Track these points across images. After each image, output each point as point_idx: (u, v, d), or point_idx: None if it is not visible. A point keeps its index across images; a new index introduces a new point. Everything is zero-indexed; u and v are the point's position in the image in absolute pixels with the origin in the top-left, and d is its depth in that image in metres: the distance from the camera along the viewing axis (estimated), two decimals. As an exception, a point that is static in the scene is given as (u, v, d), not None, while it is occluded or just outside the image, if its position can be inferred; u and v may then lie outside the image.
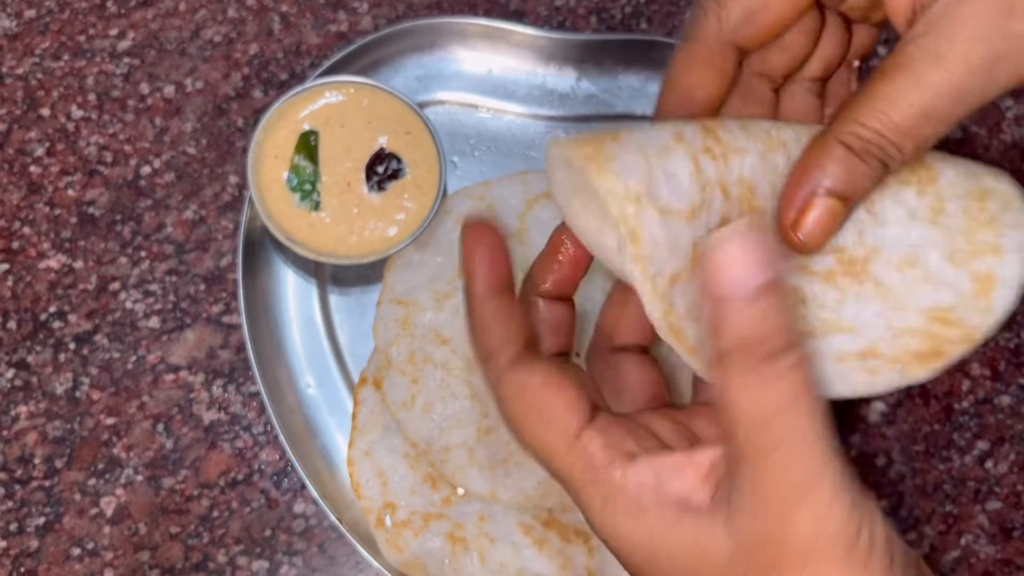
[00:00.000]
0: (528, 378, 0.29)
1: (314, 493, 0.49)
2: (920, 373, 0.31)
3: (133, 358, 0.52)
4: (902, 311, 0.31)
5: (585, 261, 0.33)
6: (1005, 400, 0.53)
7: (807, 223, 0.28)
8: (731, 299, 0.25)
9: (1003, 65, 0.27)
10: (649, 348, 0.35)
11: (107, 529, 0.50)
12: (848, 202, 0.29)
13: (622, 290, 0.34)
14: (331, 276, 0.54)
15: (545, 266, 0.33)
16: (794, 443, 0.25)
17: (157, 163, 0.55)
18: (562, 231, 0.32)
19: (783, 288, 0.25)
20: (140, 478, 0.51)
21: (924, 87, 0.27)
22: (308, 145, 0.51)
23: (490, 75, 0.56)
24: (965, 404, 0.53)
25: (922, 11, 0.28)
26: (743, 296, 0.24)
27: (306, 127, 0.51)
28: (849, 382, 0.31)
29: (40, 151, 0.56)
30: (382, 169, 0.51)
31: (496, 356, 0.30)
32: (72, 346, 0.53)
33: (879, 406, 0.53)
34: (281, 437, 0.49)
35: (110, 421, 0.52)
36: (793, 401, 0.25)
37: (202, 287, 0.54)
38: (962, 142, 0.57)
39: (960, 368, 0.53)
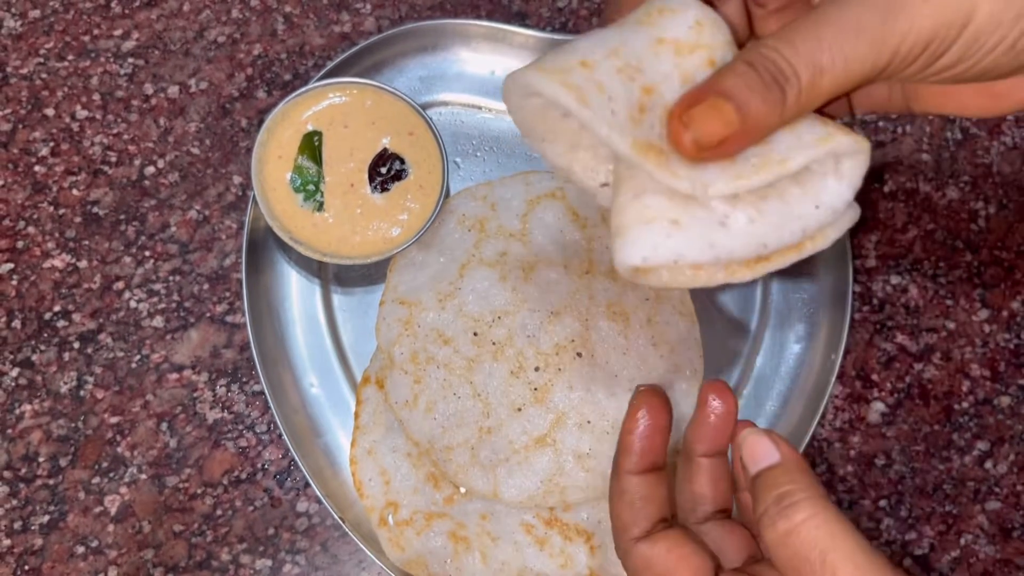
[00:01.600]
0: (653, 550, 0.32)
1: (317, 492, 0.49)
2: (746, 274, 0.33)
3: (137, 357, 0.53)
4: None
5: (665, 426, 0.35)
6: (1005, 401, 0.53)
7: (698, 125, 0.30)
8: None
9: (898, 15, 0.29)
10: (730, 511, 0.37)
11: (111, 527, 0.50)
12: (744, 119, 0.30)
13: (685, 466, 0.36)
14: (334, 276, 0.54)
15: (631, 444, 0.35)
16: None
17: (161, 163, 0.56)
18: (638, 403, 0.34)
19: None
20: (144, 476, 0.51)
21: (825, 21, 0.30)
22: (312, 146, 0.51)
23: (493, 76, 0.56)
24: (965, 405, 0.53)
25: None
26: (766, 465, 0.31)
27: (310, 128, 0.51)
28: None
29: (45, 151, 0.56)
30: (385, 170, 0.51)
31: (629, 529, 0.33)
32: (76, 345, 0.53)
33: (879, 407, 0.53)
34: (284, 436, 0.50)
35: (114, 420, 0.52)
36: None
37: (206, 287, 0.54)
38: (962, 143, 0.57)
39: (960, 369, 0.54)
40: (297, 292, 0.53)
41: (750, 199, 0.31)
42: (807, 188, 0.32)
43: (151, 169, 0.56)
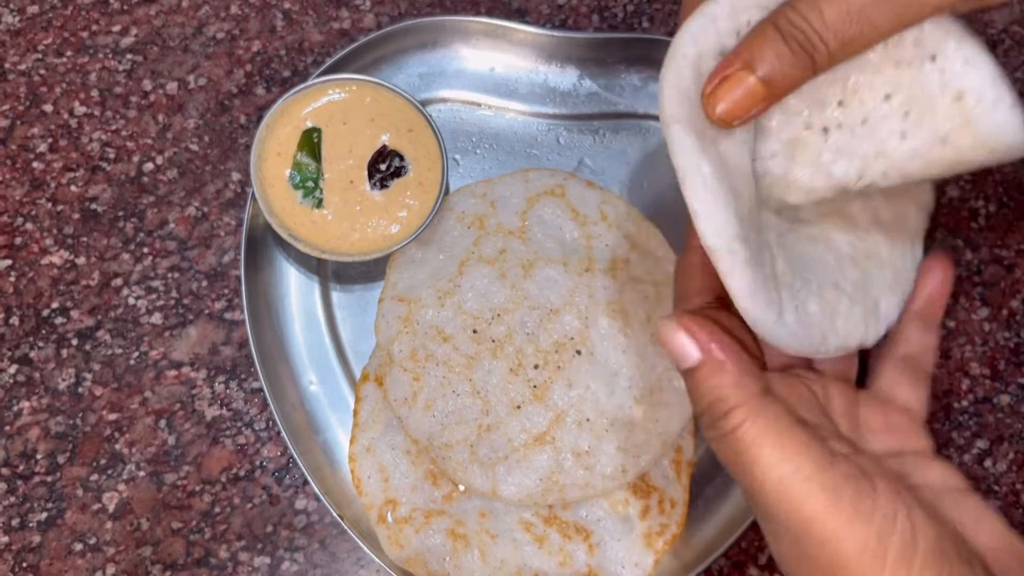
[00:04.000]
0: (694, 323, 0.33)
1: (316, 489, 0.49)
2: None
3: (135, 354, 0.53)
4: None
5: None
6: (1004, 399, 0.53)
7: (724, 95, 0.31)
8: (684, 372, 0.32)
9: None
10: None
11: (109, 524, 0.50)
12: (768, 87, 0.31)
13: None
14: (333, 273, 0.54)
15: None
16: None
17: (160, 159, 0.56)
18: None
19: (716, 363, 0.31)
20: (142, 474, 0.51)
21: None
22: (311, 142, 0.51)
23: (492, 73, 0.56)
24: (964, 403, 0.53)
25: None
26: (689, 370, 0.32)
27: (309, 124, 0.51)
28: None
29: (43, 147, 0.56)
30: (384, 166, 0.51)
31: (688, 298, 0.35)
32: (75, 342, 0.53)
33: (879, 405, 0.53)
34: (283, 433, 0.49)
35: (112, 417, 0.52)
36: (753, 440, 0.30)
37: (204, 283, 0.54)
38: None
39: (960, 367, 0.54)
40: (296, 289, 0.53)
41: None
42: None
43: (150, 166, 0.55)
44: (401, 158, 0.51)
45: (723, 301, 0.34)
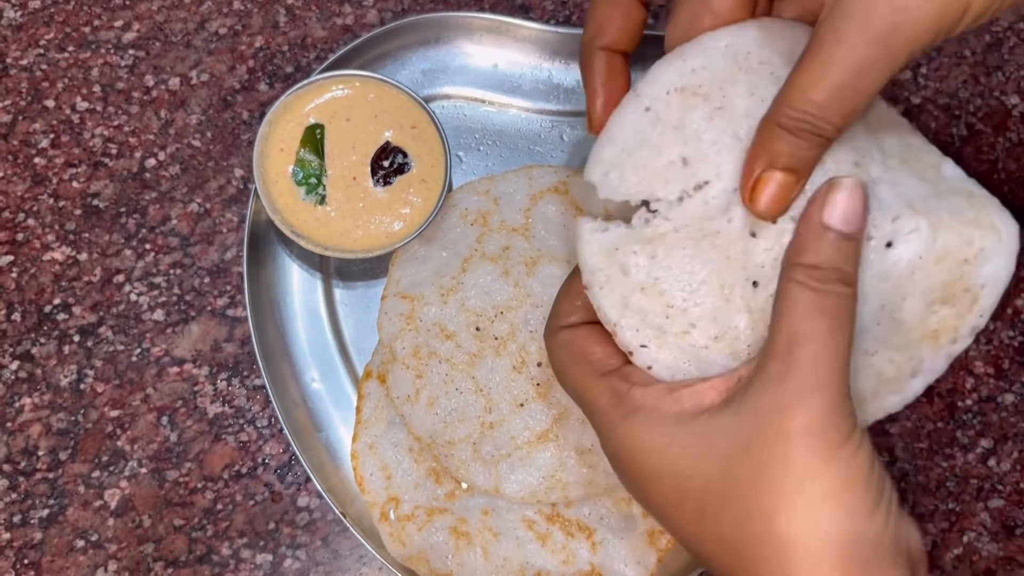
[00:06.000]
0: (574, 335, 0.36)
1: (318, 486, 0.49)
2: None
3: (137, 351, 0.52)
4: None
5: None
6: (1009, 398, 0.53)
7: (761, 197, 0.32)
8: (831, 230, 0.31)
9: (897, 35, 0.29)
10: None
11: (111, 521, 0.50)
12: (796, 173, 0.32)
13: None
14: (336, 270, 0.54)
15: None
16: (823, 347, 0.30)
17: (162, 155, 0.55)
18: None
19: (862, 242, 0.32)
20: (144, 470, 0.51)
21: (833, 65, 0.30)
22: (314, 139, 0.51)
23: (496, 69, 0.56)
24: (969, 402, 0.53)
25: None
26: (840, 232, 0.31)
27: (312, 120, 0.51)
28: None
29: (45, 143, 0.55)
30: (388, 163, 0.51)
31: (555, 319, 0.37)
32: (76, 338, 0.53)
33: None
34: (285, 430, 0.49)
35: (114, 413, 0.52)
36: (837, 320, 0.30)
37: (207, 280, 0.54)
38: (967, 140, 0.57)
39: (964, 366, 0.53)
40: (298, 286, 0.53)
41: None
42: None
43: (152, 161, 0.55)
44: (404, 155, 0.51)
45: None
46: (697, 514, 0.31)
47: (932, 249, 0.33)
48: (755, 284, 0.33)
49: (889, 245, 0.33)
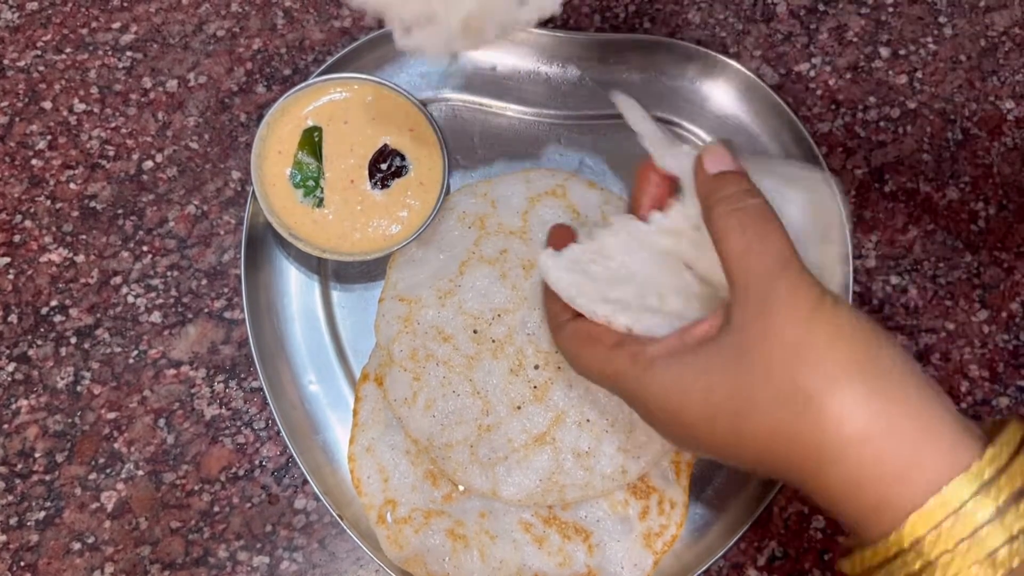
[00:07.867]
0: (577, 324, 0.41)
1: (315, 489, 0.49)
2: None
3: (135, 353, 0.52)
4: None
5: (670, 181, 0.43)
6: (1003, 402, 0.53)
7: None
8: (721, 172, 0.38)
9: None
10: None
11: (108, 524, 0.50)
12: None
13: None
14: (333, 272, 0.54)
15: (640, 193, 0.43)
16: (764, 244, 0.35)
17: (159, 157, 0.55)
18: (648, 166, 0.43)
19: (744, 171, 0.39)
20: (141, 473, 0.51)
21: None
22: (312, 141, 0.51)
23: (494, 73, 0.56)
24: (964, 405, 0.53)
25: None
26: (724, 170, 0.39)
27: (310, 123, 0.51)
28: None
29: (42, 144, 0.55)
30: (385, 166, 0.51)
31: (554, 318, 0.43)
32: (73, 340, 0.52)
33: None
34: (283, 433, 0.49)
35: (111, 416, 0.52)
36: (764, 218, 0.36)
37: (204, 282, 0.54)
38: (962, 144, 0.57)
39: (959, 369, 0.54)
40: (296, 288, 0.53)
41: None
42: None
43: (149, 163, 0.55)
44: (402, 157, 0.51)
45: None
46: (731, 421, 0.35)
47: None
48: (687, 256, 0.41)
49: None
